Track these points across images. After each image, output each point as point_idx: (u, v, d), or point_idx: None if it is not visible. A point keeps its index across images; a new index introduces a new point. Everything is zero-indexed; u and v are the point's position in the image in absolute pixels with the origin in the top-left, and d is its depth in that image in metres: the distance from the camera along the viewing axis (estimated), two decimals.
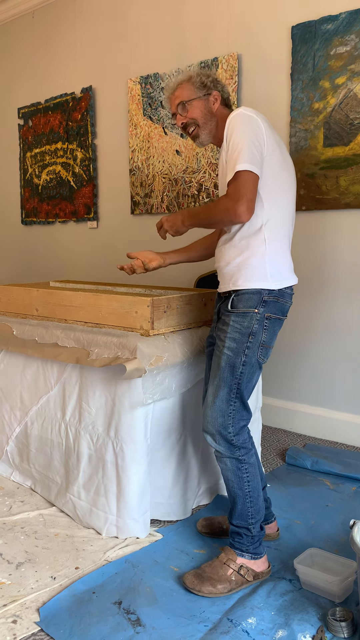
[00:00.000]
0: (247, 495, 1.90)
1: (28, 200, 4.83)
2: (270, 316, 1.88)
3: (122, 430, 2.11)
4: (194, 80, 2.01)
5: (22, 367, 2.54)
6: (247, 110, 1.85)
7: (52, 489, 2.41)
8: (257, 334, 1.86)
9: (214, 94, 2.00)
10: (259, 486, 1.94)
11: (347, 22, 2.89)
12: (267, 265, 1.86)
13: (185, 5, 3.58)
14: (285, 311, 1.94)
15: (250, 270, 1.87)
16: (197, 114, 2.00)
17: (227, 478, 1.93)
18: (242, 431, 1.91)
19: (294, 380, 3.33)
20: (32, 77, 4.67)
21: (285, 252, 1.93)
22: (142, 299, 2.15)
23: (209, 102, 2.01)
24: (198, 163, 3.58)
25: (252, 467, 1.92)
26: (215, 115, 2.02)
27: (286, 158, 1.93)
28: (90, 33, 4.17)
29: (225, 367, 1.88)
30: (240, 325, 1.87)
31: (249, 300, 1.87)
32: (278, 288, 1.88)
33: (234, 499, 1.92)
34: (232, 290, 1.91)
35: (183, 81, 2.03)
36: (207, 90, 2.01)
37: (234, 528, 1.92)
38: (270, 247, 1.87)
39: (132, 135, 3.93)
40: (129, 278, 4.06)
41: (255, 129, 1.81)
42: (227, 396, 1.88)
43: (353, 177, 2.95)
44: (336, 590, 1.73)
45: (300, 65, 3.08)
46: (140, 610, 1.73)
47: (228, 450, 1.89)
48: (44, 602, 1.77)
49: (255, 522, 1.90)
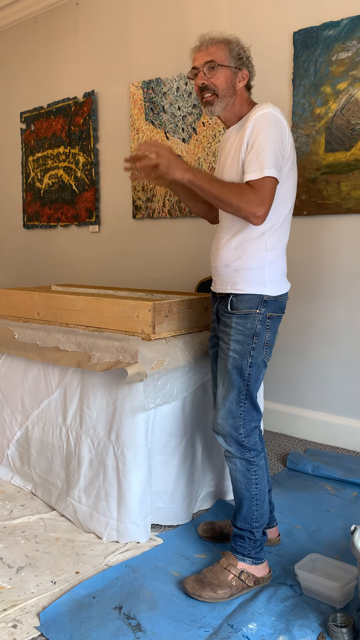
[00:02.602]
0: (253, 498, 1.90)
1: (30, 204, 4.84)
2: (271, 315, 1.88)
3: (123, 435, 2.10)
4: (232, 47, 1.87)
5: (24, 371, 2.54)
6: (276, 111, 1.79)
7: (53, 493, 2.41)
8: (261, 334, 1.86)
9: (244, 72, 1.89)
10: (265, 490, 1.93)
11: (349, 28, 2.90)
12: (266, 272, 1.86)
13: (187, 11, 3.60)
14: (284, 308, 1.94)
15: (250, 275, 1.85)
16: (222, 83, 1.86)
17: (235, 479, 1.93)
18: (253, 432, 1.91)
19: (295, 384, 3.33)
20: (35, 81, 4.68)
21: (283, 260, 1.92)
22: (144, 303, 2.16)
23: (237, 78, 1.88)
24: (200, 167, 3.59)
25: (261, 470, 1.92)
26: (237, 94, 1.90)
27: (295, 165, 1.90)
28: (92, 38, 4.19)
29: (232, 369, 1.87)
30: (244, 327, 1.86)
31: (249, 301, 1.86)
32: (275, 295, 1.88)
33: (240, 500, 1.92)
34: (231, 293, 1.90)
35: (222, 42, 1.87)
36: (241, 64, 1.88)
37: (237, 531, 1.91)
38: (271, 254, 1.86)
39: (134, 139, 3.94)
40: (131, 283, 4.06)
41: (283, 135, 1.79)
42: (236, 398, 1.88)
43: (354, 182, 2.95)
44: (337, 596, 1.73)
45: (301, 70, 3.09)
46: (141, 616, 1.72)
47: (238, 452, 1.89)
48: (44, 607, 1.77)
49: (259, 526, 1.90)
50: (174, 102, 3.69)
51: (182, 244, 3.79)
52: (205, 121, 3.54)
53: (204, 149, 3.57)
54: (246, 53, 1.90)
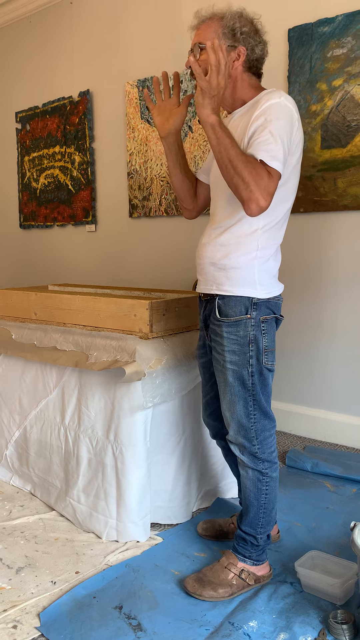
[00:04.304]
0: (261, 506, 1.85)
1: (26, 204, 4.83)
2: (266, 318, 1.75)
3: (121, 434, 2.10)
4: (225, 23, 1.68)
5: (21, 371, 2.54)
6: (289, 101, 1.64)
7: (52, 493, 2.41)
8: (257, 340, 1.74)
9: (239, 49, 1.68)
10: (275, 499, 1.88)
11: (344, 25, 2.89)
12: (255, 272, 1.72)
13: (182, 9, 3.59)
14: (279, 309, 1.81)
15: (237, 275, 1.72)
16: None
17: (245, 486, 1.86)
18: (267, 443, 1.82)
19: (293, 382, 3.33)
20: (30, 81, 4.67)
21: (276, 260, 1.78)
22: (141, 301, 2.15)
23: (230, 57, 1.69)
24: (196, 166, 3.58)
25: (272, 481, 1.85)
26: (230, 76, 1.71)
27: (299, 163, 1.75)
28: (87, 37, 4.18)
29: (234, 382, 1.76)
30: (236, 335, 1.74)
31: (237, 305, 1.73)
32: (266, 297, 1.74)
33: (247, 506, 1.87)
34: (216, 295, 1.77)
35: (214, 18, 1.70)
36: (234, 41, 1.68)
37: (241, 533, 1.88)
38: (261, 253, 1.72)
39: (129, 138, 3.94)
40: (128, 282, 4.06)
41: (293, 131, 1.64)
42: (244, 410, 1.78)
43: (351, 179, 2.95)
44: (337, 593, 1.73)
45: (297, 67, 3.09)
46: (141, 615, 1.72)
47: (251, 462, 1.82)
48: (44, 607, 1.76)
49: (264, 533, 1.86)
50: None
51: (179, 242, 3.78)
52: None
53: (200, 147, 3.56)
54: (244, 27, 1.69)
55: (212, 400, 2.02)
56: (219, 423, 2.03)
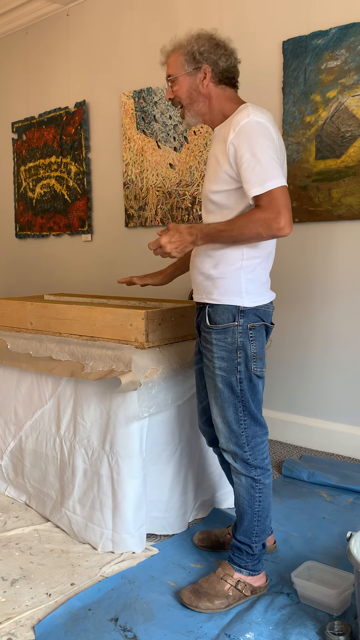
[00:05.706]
0: (255, 514, 1.85)
1: (22, 214, 4.83)
2: (253, 326, 1.78)
3: (117, 444, 2.09)
4: (186, 51, 1.75)
5: (17, 381, 2.53)
6: (256, 115, 1.66)
7: (47, 504, 2.39)
8: (245, 347, 1.77)
9: (204, 68, 1.74)
10: (269, 507, 1.88)
11: (337, 37, 2.93)
12: (242, 282, 1.76)
13: (178, 20, 3.62)
14: (269, 317, 1.84)
15: (224, 284, 1.77)
16: (183, 93, 1.77)
17: (239, 494, 1.87)
18: (259, 449, 1.84)
19: (289, 391, 3.33)
20: (26, 92, 4.70)
21: (264, 269, 1.81)
22: (137, 311, 2.15)
23: (197, 79, 1.75)
24: (192, 176, 3.60)
25: (266, 488, 1.86)
26: (203, 95, 1.77)
27: (284, 168, 1.79)
28: (83, 48, 4.21)
29: (222, 387, 1.80)
30: (224, 342, 1.77)
31: (225, 312, 1.77)
32: (253, 306, 1.77)
33: (241, 514, 1.87)
34: (206, 303, 1.82)
35: (175, 49, 1.77)
36: (197, 64, 1.74)
37: (236, 542, 1.88)
38: (247, 263, 1.76)
39: (125, 148, 3.95)
40: (124, 291, 4.06)
41: (272, 140, 1.67)
42: (234, 416, 1.80)
43: (345, 189, 2.97)
44: (334, 604, 1.72)
45: (291, 79, 3.12)
46: (137, 627, 1.71)
47: (244, 469, 1.84)
48: (40, 620, 1.75)
49: (259, 541, 1.86)
50: (165, 111, 3.70)
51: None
52: (197, 130, 3.55)
53: (195, 157, 3.58)
54: (202, 47, 1.74)
55: (208, 407, 2.02)
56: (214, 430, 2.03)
